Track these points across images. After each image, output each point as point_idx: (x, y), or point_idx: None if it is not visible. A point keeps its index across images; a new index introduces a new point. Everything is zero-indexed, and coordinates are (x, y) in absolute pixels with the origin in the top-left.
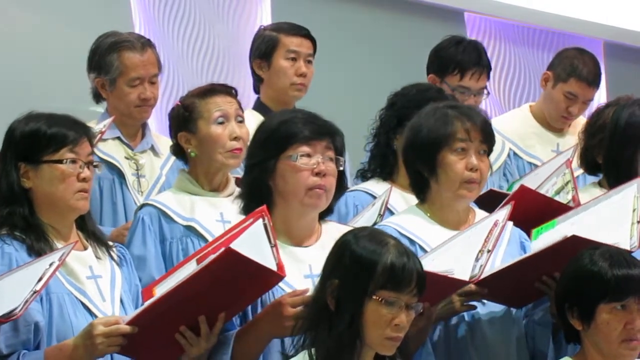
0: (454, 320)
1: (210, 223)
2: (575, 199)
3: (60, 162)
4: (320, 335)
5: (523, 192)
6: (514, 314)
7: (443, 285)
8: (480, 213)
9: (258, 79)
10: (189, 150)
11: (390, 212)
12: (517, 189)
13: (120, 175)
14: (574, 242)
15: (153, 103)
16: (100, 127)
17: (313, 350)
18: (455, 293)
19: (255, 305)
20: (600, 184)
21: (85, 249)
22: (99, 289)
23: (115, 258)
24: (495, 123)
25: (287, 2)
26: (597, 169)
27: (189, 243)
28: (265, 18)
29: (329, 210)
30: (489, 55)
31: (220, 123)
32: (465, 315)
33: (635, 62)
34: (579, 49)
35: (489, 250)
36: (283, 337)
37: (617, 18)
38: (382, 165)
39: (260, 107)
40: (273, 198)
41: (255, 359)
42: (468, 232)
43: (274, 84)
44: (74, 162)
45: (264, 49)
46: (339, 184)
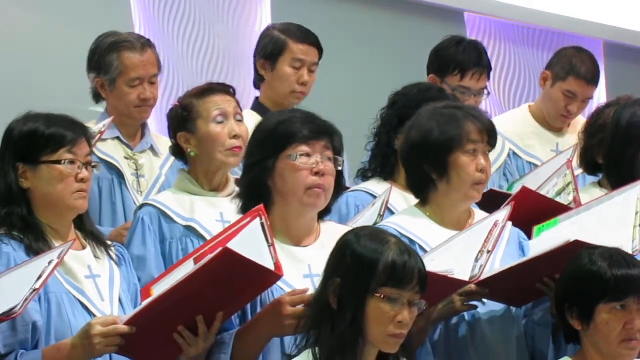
0: (454, 320)
1: (210, 223)
2: (577, 200)
3: (59, 162)
4: (323, 334)
5: (525, 193)
6: (514, 314)
7: (443, 286)
8: (480, 213)
9: (260, 78)
10: (189, 150)
11: (391, 212)
12: (519, 190)
13: (120, 175)
14: (577, 246)
15: (153, 103)
16: (100, 127)
17: (317, 349)
18: (456, 293)
19: (255, 305)
20: (600, 184)
21: (84, 249)
22: (98, 289)
23: (114, 257)
24: (495, 123)
25: (287, 2)
26: (597, 169)
27: (189, 243)
28: (265, 18)
29: (327, 211)
30: (489, 55)
31: (220, 122)
32: (466, 315)
33: (635, 62)
34: (577, 48)
35: (489, 251)
36: (283, 336)
37: (617, 18)
38: (383, 165)
39: (259, 107)
40: (272, 198)
41: (255, 359)
42: (468, 232)
43: (275, 87)
44: (72, 162)
45: (270, 51)
46: (337, 184)
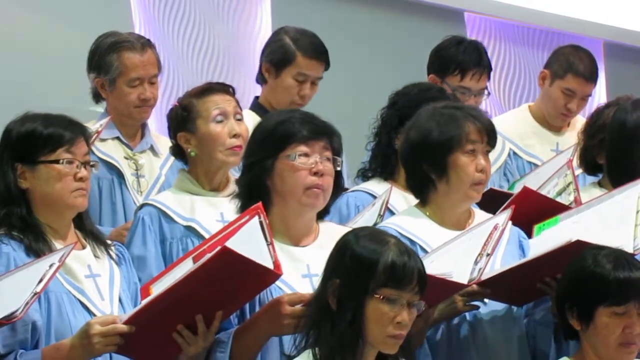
0: (456, 320)
1: (211, 223)
2: (577, 200)
3: (57, 162)
4: (323, 335)
5: (526, 193)
6: (515, 314)
7: (441, 288)
8: (480, 213)
9: (262, 78)
10: (189, 150)
11: (391, 212)
12: (520, 191)
13: (120, 175)
14: (578, 246)
15: (153, 103)
16: (97, 126)
17: (316, 350)
18: (458, 293)
19: (253, 304)
20: (600, 184)
21: (84, 248)
22: (98, 288)
23: (114, 257)
24: (495, 123)
25: (287, 2)
26: (596, 169)
27: (189, 243)
28: (265, 18)
29: (326, 211)
30: (489, 55)
31: (219, 121)
32: (467, 315)
33: (635, 62)
34: (575, 46)
35: (488, 254)
36: (281, 335)
37: (617, 18)
38: (383, 165)
39: (258, 107)
40: (271, 197)
41: (254, 358)
42: (468, 234)
43: (275, 94)
44: (71, 162)
45: (277, 59)
46: (336, 185)
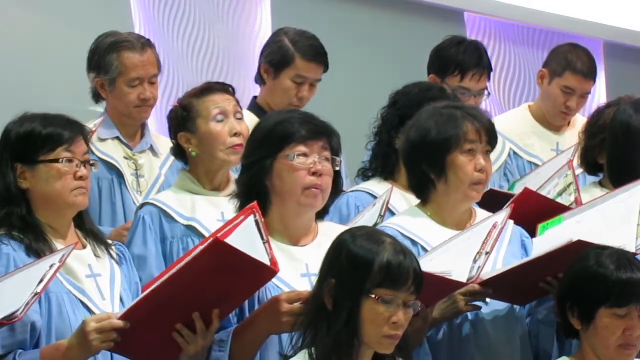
0: (457, 320)
1: (211, 222)
2: (578, 201)
3: (57, 161)
4: (319, 335)
5: (526, 194)
6: (517, 313)
7: (440, 287)
8: (482, 213)
9: (261, 79)
10: (190, 150)
11: (392, 212)
12: (521, 192)
13: (120, 176)
14: (580, 246)
15: (153, 103)
16: (91, 126)
17: (313, 350)
18: (460, 293)
19: (252, 303)
20: (601, 184)
21: (84, 248)
22: (99, 288)
23: (115, 256)
24: (495, 123)
25: (287, 2)
26: (597, 169)
27: (190, 243)
28: (265, 18)
29: (325, 211)
30: (489, 55)
31: (220, 121)
32: (469, 315)
33: (635, 62)
34: (572, 44)
35: (487, 253)
36: (280, 333)
37: (617, 18)
38: (383, 165)
39: (256, 108)
40: (270, 197)
41: (253, 356)
42: (467, 233)
43: (273, 95)
44: (70, 161)
45: (276, 61)
46: (335, 185)
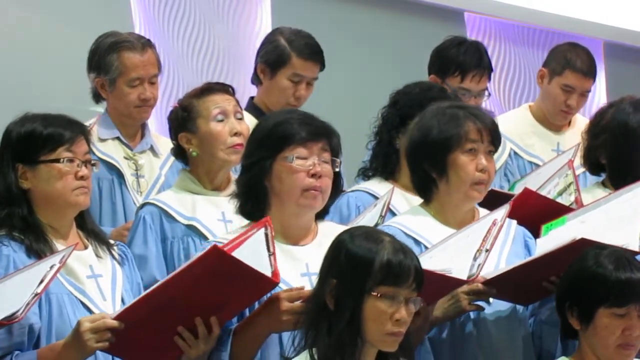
0: (460, 319)
1: (212, 222)
2: (578, 201)
3: (57, 161)
4: (320, 335)
5: (526, 194)
6: (520, 314)
7: (440, 284)
8: (484, 212)
9: (257, 79)
10: (191, 150)
11: (392, 212)
12: (520, 192)
13: (120, 176)
14: (583, 244)
15: (153, 103)
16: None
17: (314, 350)
18: (463, 292)
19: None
20: (604, 184)
21: (86, 248)
22: (100, 289)
23: (117, 257)
24: None
25: (287, 2)
26: (600, 169)
27: (190, 242)
28: (265, 18)
29: (325, 211)
30: (489, 55)
31: (220, 120)
32: (471, 314)
33: (635, 62)
34: (571, 43)
35: (487, 250)
36: (281, 331)
37: (617, 18)
38: (384, 164)
39: (253, 108)
40: (269, 198)
41: (254, 355)
42: (467, 230)
43: (270, 95)
44: (71, 160)
45: (272, 60)
46: (335, 186)
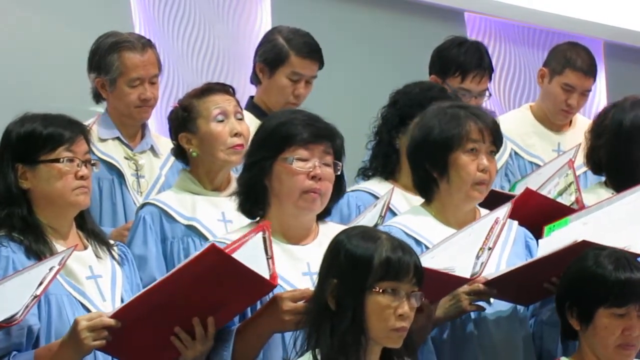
0: (460, 320)
1: (212, 223)
2: (579, 201)
3: (57, 161)
4: (323, 336)
5: (528, 194)
6: (521, 314)
7: (443, 282)
8: (485, 213)
9: (256, 79)
10: (191, 151)
11: (392, 212)
12: (522, 192)
13: (120, 176)
14: (584, 246)
15: (153, 103)
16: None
17: (317, 351)
18: (464, 292)
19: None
20: (607, 184)
21: (85, 249)
22: (99, 289)
23: (117, 257)
24: None
25: (287, 2)
26: (603, 169)
27: (190, 243)
28: (265, 18)
29: (327, 212)
30: (489, 56)
31: (220, 121)
32: (472, 315)
33: (635, 62)
34: (571, 42)
35: (490, 248)
36: (283, 331)
37: (617, 18)
38: (384, 164)
39: (253, 107)
40: (269, 198)
41: (257, 355)
42: (469, 229)
43: (269, 94)
44: (71, 160)
45: (271, 59)
46: (338, 187)
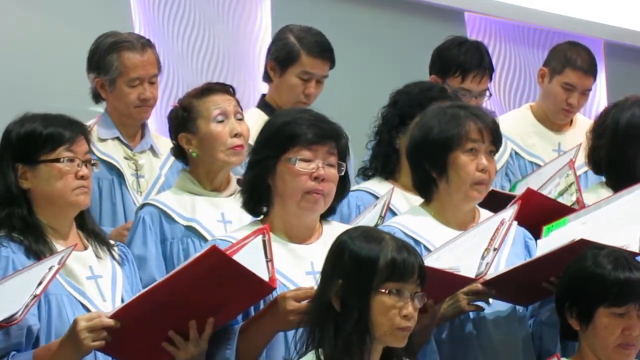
0: (459, 320)
1: (211, 223)
2: (579, 201)
3: (58, 160)
4: (326, 336)
5: (529, 194)
6: (520, 314)
7: (449, 282)
8: (485, 213)
9: (268, 77)
10: (190, 151)
11: (392, 212)
12: (523, 192)
13: (120, 176)
14: (582, 245)
15: (153, 103)
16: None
17: (320, 351)
18: (463, 292)
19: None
20: (607, 184)
21: (86, 249)
22: (99, 289)
23: (117, 257)
24: None
25: (287, 2)
26: (603, 169)
27: (190, 243)
28: (265, 18)
29: (331, 210)
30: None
31: (220, 121)
32: (471, 315)
33: (635, 62)
34: (571, 42)
35: (495, 249)
36: (287, 330)
37: (617, 18)
38: (384, 164)
39: (265, 105)
40: (272, 197)
41: (259, 354)
42: (474, 230)
43: (280, 93)
44: (72, 160)
45: (282, 57)
46: (342, 187)
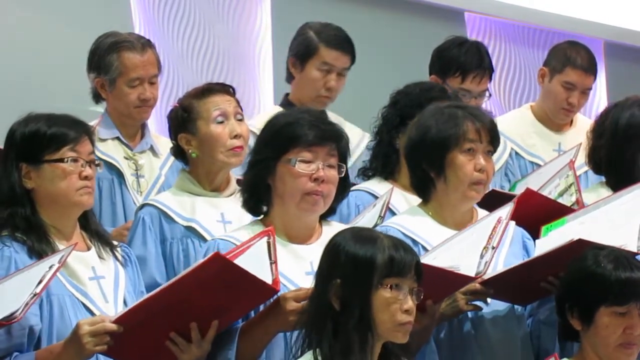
0: (458, 320)
1: (211, 223)
2: (579, 201)
3: (62, 160)
4: (325, 337)
5: (528, 194)
6: (518, 314)
7: (448, 281)
8: (483, 213)
9: (290, 75)
10: (190, 151)
11: (392, 212)
12: (522, 192)
13: (120, 176)
14: (580, 245)
15: (153, 103)
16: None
17: (317, 351)
18: (461, 292)
19: None
20: (607, 184)
21: (88, 250)
22: (102, 290)
23: (120, 258)
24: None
25: (287, 2)
26: (603, 169)
27: (189, 243)
28: (265, 18)
29: (332, 211)
30: (490, 56)
31: (220, 122)
32: (469, 314)
33: (635, 62)
34: (571, 41)
35: (494, 247)
36: (287, 331)
37: (617, 18)
38: (384, 164)
39: (287, 104)
40: (272, 197)
41: (260, 354)
42: (471, 229)
43: (301, 88)
44: (75, 160)
45: (301, 52)
46: (343, 187)
